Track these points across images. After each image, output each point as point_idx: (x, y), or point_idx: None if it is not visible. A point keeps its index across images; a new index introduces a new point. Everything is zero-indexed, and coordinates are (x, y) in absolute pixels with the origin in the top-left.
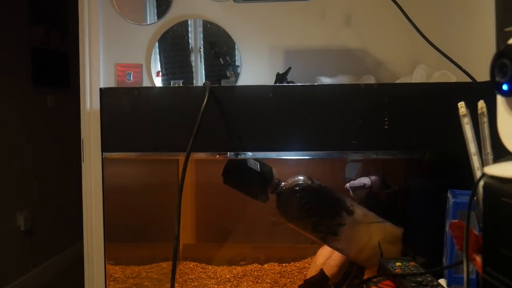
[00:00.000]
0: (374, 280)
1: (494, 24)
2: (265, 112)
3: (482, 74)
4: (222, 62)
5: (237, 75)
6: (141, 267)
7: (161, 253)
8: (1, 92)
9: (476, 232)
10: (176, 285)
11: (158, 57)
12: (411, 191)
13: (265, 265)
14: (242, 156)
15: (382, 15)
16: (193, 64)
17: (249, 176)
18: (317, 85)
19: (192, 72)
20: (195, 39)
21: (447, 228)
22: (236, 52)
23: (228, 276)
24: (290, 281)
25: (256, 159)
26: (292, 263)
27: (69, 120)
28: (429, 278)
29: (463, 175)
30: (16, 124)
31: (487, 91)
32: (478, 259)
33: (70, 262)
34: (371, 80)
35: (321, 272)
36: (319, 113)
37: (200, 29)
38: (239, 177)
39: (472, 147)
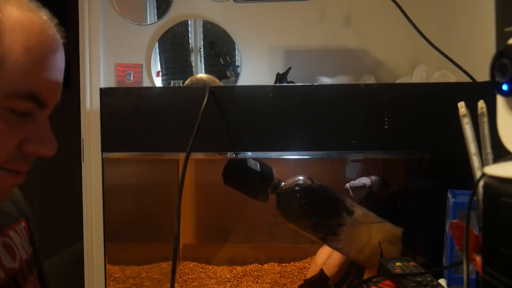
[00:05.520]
0: (374, 280)
1: (494, 24)
2: (265, 112)
3: (482, 74)
4: (222, 62)
5: (237, 75)
6: (141, 267)
7: (161, 253)
8: None
9: (476, 232)
10: (176, 285)
11: (158, 57)
12: (411, 191)
13: (265, 265)
14: (242, 156)
15: (382, 15)
16: (193, 64)
17: (249, 176)
18: (317, 85)
19: (192, 72)
20: (195, 39)
21: (447, 228)
22: (236, 52)
23: (228, 276)
24: (290, 281)
25: (256, 159)
26: (292, 263)
27: (69, 120)
28: (429, 278)
29: (463, 175)
30: None
31: (487, 91)
32: (478, 259)
33: (70, 262)
34: (371, 80)
35: (321, 272)
36: (319, 113)
37: (200, 29)
38: (239, 177)
39: (472, 147)
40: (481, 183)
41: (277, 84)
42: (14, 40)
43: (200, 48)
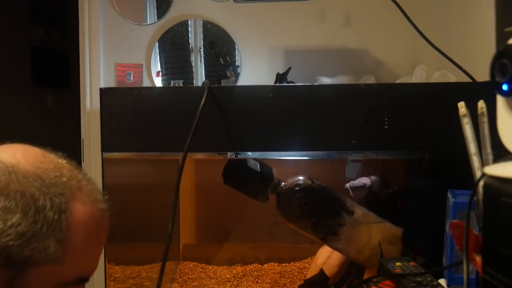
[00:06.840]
0: (374, 280)
1: (494, 24)
2: (265, 112)
3: (482, 74)
4: (222, 62)
5: (237, 75)
6: (141, 267)
7: (161, 253)
8: (1, 92)
9: (476, 232)
10: (176, 285)
11: (158, 57)
12: (411, 191)
13: (265, 265)
14: (242, 156)
15: (382, 15)
16: (193, 64)
17: (249, 176)
18: (317, 85)
19: (192, 72)
20: (195, 39)
21: (447, 228)
22: (236, 52)
23: (228, 276)
24: (290, 281)
25: (256, 159)
26: (292, 263)
27: (69, 120)
28: (429, 278)
29: (463, 175)
30: (16, 124)
31: (487, 91)
32: (478, 259)
33: None
34: (371, 80)
35: (321, 272)
36: (319, 113)
37: (200, 29)
38: (239, 177)
39: (472, 147)
40: (481, 183)
41: (277, 84)
42: (77, 238)
43: (200, 48)
